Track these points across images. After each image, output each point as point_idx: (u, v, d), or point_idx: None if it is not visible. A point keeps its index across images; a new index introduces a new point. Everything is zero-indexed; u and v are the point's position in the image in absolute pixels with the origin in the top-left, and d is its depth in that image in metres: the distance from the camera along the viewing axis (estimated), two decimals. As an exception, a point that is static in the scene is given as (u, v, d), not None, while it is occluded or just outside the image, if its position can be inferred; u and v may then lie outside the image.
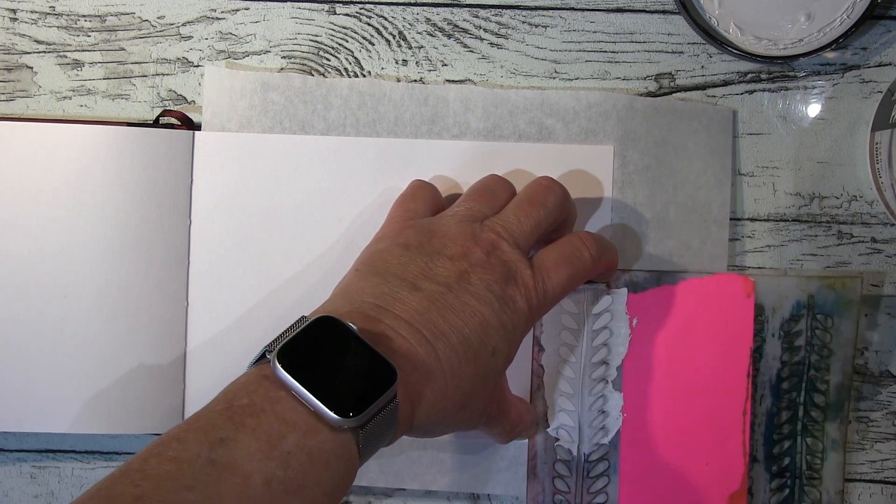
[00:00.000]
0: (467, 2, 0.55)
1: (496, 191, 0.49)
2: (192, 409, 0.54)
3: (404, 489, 0.55)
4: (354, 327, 0.40)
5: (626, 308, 0.53)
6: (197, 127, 0.54)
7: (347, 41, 0.55)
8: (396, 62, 0.55)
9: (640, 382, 0.53)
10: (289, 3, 0.55)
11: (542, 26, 0.55)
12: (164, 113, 0.54)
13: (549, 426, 0.53)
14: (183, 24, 0.55)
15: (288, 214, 0.54)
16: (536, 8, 0.55)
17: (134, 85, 0.55)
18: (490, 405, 0.46)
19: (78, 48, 0.55)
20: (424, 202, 0.50)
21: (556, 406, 0.53)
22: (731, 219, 0.55)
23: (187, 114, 0.54)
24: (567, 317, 0.53)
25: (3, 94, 0.55)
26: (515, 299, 0.45)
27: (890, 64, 0.55)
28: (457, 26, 0.55)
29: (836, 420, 0.54)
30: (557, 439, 0.53)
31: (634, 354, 0.53)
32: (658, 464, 0.53)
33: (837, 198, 0.55)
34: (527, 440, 0.53)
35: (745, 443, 0.53)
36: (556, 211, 0.48)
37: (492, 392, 0.46)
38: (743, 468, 0.53)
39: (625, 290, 0.53)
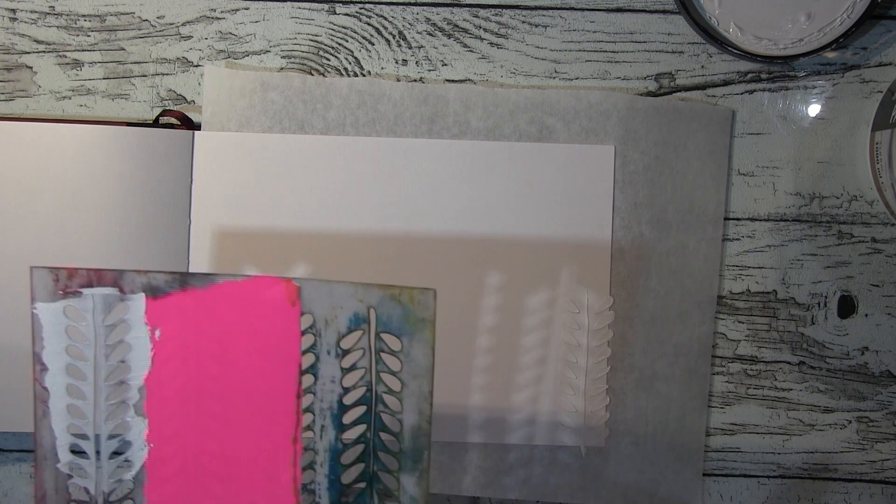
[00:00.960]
0: (467, 2, 0.55)
1: None
2: (191, 409, 0.54)
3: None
4: None
5: (145, 317, 0.44)
6: (197, 127, 0.54)
7: (347, 41, 0.55)
8: (396, 62, 0.55)
9: (168, 405, 0.44)
10: (289, 3, 0.55)
11: (542, 26, 0.55)
12: (164, 113, 0.54)
13: (59, 461, 0.44)
14: (183, 24, 0.55)
15: (288, 214, 0.54)
16: (536, 8, 0.55)
17: (134, 85, 0.55)
18: None
19: (78, 48, 0.55)
20: None
21: (66, 437, 0.44)
22: (731, 218, 0.55)
23: (187, 114, 0.54)
24: (74, 329, 0.44)
25: (3, 94, 0.55)
26: None
27: (890, 64, 0.55)
28: (457, 26, 0.55)
29: (415, 473, 0.42)
30: (70, 476, 0.44)
31: (160, 372, 0.44)
32: (192, 499, 0.44)
33: (837, 198, 0.55)
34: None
35: (296, 477, 0.43)
36: None
37: None
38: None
39: (142, 295, 0.44)
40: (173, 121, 0.54)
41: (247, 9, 0.55)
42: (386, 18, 0.55)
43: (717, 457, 0.56)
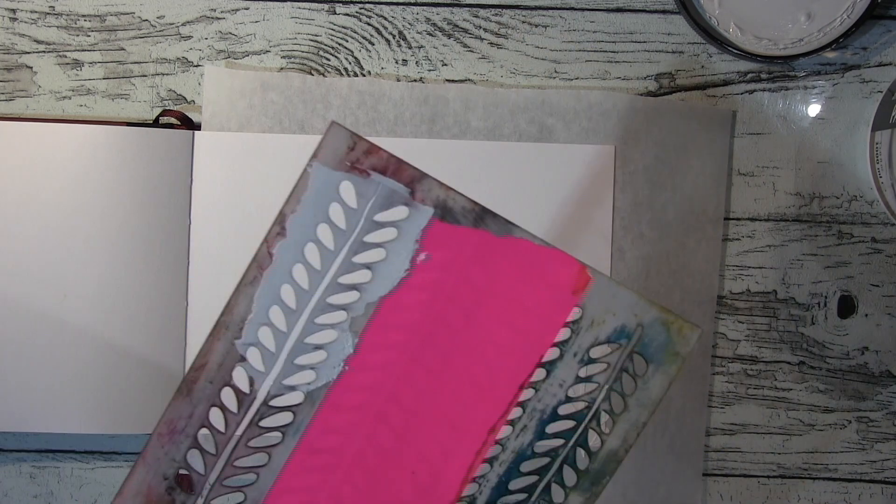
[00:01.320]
0: (467, 2, 0.55)
1: None
2: (191, 409, 0.54)
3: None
4: None
5: (421, 234, 0.38)
6: (197, 127, 0.54)
7: (347, 41, 0.55)
8: (396, 62, 0.55)
9: (387, 336, 0.38)
10: (289, 3, 0.55)
11: (542, 26, 0.55)
12: (164, 113, 0.54)
13: (240, 337, 0.38)
14: (183, 24, 0.55)
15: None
16: (536, 8, 0.55)
17: (134, 85, 0.55)
18: None
19: (78, 48, 0.55)
20: None
21: (263, 316, 0.39)
22: (731, 218, 0.55)
23: (187, 114, 0.54)
24: (337, 208, 0.38)
25: (3, 94, 0.55)
26: None
27: (890, 64, 0.55)
28: (457, 26, 0.55)
29: (587, 494, 0.39)
30: (244, 359, 0.38)
31: (401, 298, 0.38)
32: (353, 447, 0.39)
33: (837, 198, 0.55)
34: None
35: (473, 467, 0.39)
36: None
37: None
38: (453, 498, 0.39)
39: (431, 210, 0.38)
40: (173, 121, 0.54)
41: (247, 9, 0.55)
42: (386, 18, 0.55)
43: (717, 457, 0.56)
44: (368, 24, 0.55)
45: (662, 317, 0.39)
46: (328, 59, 0.55)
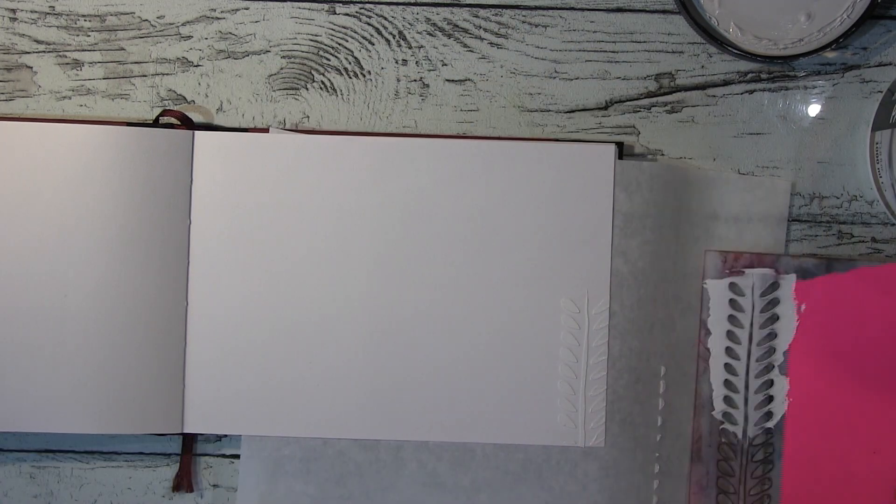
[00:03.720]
0: (467, 2, 0.55)
1: None
2: (192, 409, 0.54)
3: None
4: None
5: (794, 294, 0.53)
6: (197, 127, 0.54)
7: (347, 41, 0.55)
8: (396, 62, 0.55)
9: (806, 368, 0.53)
10: (289, 3, 0.55)
11: (542, 26, 0.55)
12: (164, 113, 0.54)
13: (713, 409, 0.53)
14: (183, 24, 0.55)
15: (288, 214, 0.54)
16: (536, 8, 0.55)
17: (134, 85, 0.55)
18: None
19: (78, 48, 0.55)
20: None
21: (721, 389, 0.53)
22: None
23: (187, 114, 0.54)
24: (734, 301, 0.53)
25: (3, 94, 0.55)
26: None
27: (890, 64, 0.55)
28: (457, 26, 0.55)
29: None
30: (722, 423, 0.53)
31: (802, 340, 0.53)
32: (823, 449, 0.53)
33: (837, 198, 0.55)
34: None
35: None
36: None
37: None
38: None
39: (793, 276, 0.53)
40: (173, 121, 0.54)
41: (247, 9, 0.55)
42: (386, 18, 0.55)
43: (717, 457, 0.56)
44: (368, 24, 0.55)
45: None
46: (328, 59, 0.55)
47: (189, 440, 0.55)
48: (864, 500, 0.52)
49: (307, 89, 0.55)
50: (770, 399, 0.53)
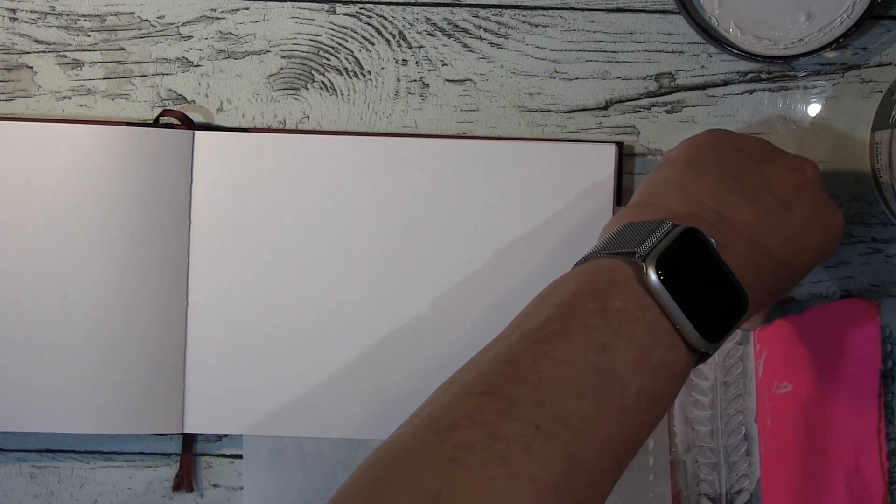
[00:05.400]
0: (467, 2, 0.55)
1: None
2: (192, 408, 0.54)
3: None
4: (713, 242, 0.39)
5: (755, 340, 0.54)
6: (197, 127, 0.54)
7: (347, 41, 0.55)
8: (396, 62, 0.55)
9: (774, 412, 0.54)
10: (289, 3, 0.55)
11: (542, 26, 0.55)
12: (164, 113, 0.54)
13: (686, 466, 0.54)
14: (183, 24, 0.55)
15: (288, 214, 0.54)
16: (536, 8, 0.55)
17: (134, 85, 0.55)
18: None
19: (78, 48, 0.55)
20: None
21: (695, 442, 0.54)
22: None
23: (187, 114, 0.54)
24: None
25: (3, 94, 0.55)
26: (832, 228, 0.45)
27: (890, 64, 0.55)
28: (457, 26, 0.55)
29: None
30: (700, 478, 0.54)
31: (767, 384, 0.54)
32: (798, 489, 0.53)
33: (837, 198, 0.55)
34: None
35: (883, 463, 0.53)
36: None
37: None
38: (883, 489, 0.53)
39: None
40: (173, 121, 0.54)
41: (247, 9, 0.55)
42: (386, 18, 0.55)
43: (717, 457, 0.56)
44: (368, 24, 0.55)
45: None
46: (328, 59, 0.55)
47: (189, 440, 0.55)
48: None
49: (307, 89, 0.55)
50: (742, 446, 0.54)
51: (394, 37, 0.55)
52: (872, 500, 0.53)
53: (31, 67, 0.55)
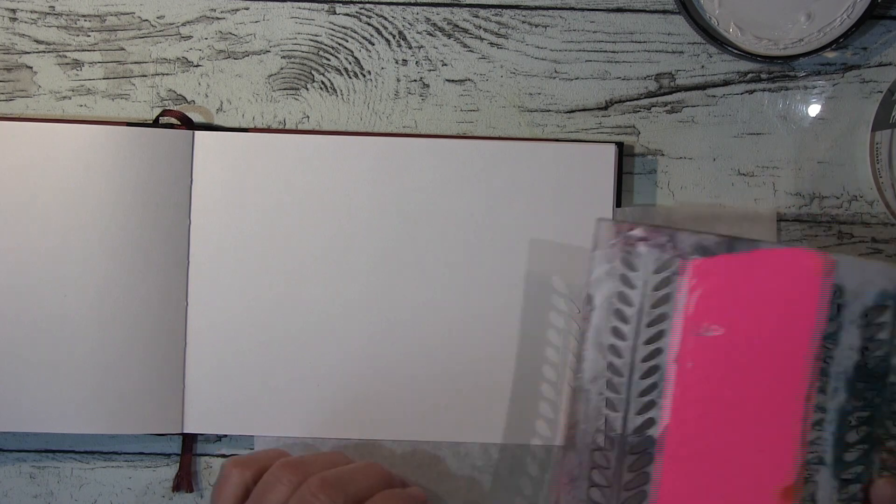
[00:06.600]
0: (467, 2, 0.55)
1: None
2: (192, 408, 0.54)
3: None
4: None
5: (691, 273, 0.48)
6: (197, 127, 0.54)
7: (347, 41, 0.55)
8: (396, 62, 0.55)
9: (697, 355, 0.48)
10: (289, 3, 0.55)
11: (542, 26, 0.55)
12: (164, 113, 0.54)
13: (592, 393, 0.49)
14: (183, 24, 0.55)
15: (288, 214, 0.54)
16: (536, 8, 0.55)
17: (134, 85, 0.55)
18: None
19: (78, 48, 0.55)
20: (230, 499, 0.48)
21: (603, 372, 0.48)
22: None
23: (187, 114, 0.54)
24: (625, 276, 0.49)
25: (3, 94, 0.55)
26: None
27: (890, 64, 0.55)
28: (457, 26, 0.55)
29: None
30: (602, 408, 0.48)
31: (696, 324, 0.48)
32: (707, 445, 0.48)
33: (837, 198, 0.55)
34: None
35: (804, 432, 0.48)
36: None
37: None
38: (799, 460, 0.47)
39: (692, 253, 0.48)
40: (173, 121, 0.54)
41: (247, 9, 0.55)
42: (386, 18, 0.55)
43: (717, 457, 0.56)
44: (368, 24, 0.55)
45: None
46: (328, 59, 0.55)
47: (189, 440, 0.55)
48: (747, 501, 0.48)
49: (307, 89, 0.55)
50: (655, 386, 0.48)
51: (394, 37, 0.55)
52: (786, 471, 0.47)
53: (31, 67, 0.55)
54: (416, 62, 0.55)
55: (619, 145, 0.54)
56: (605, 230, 0.48)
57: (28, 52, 0.55)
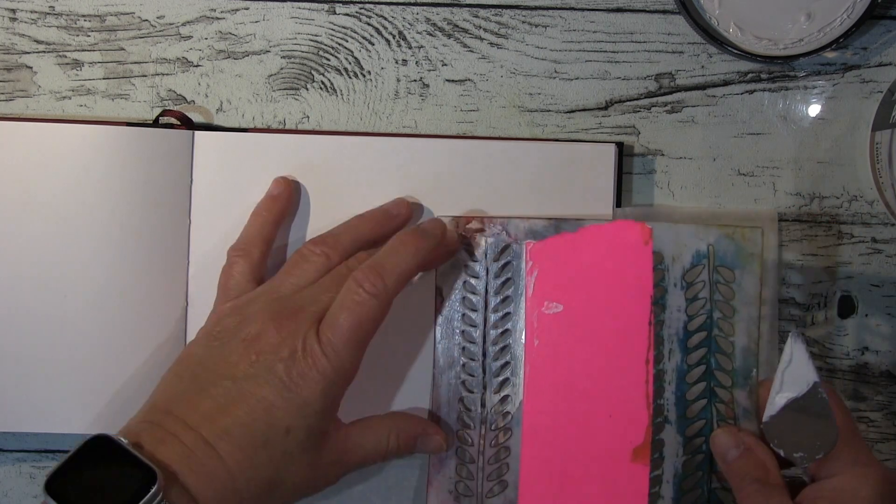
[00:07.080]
0: (467, 2, 0.55)
1: (312, 260, 0.50)
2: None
3: None
4: (125, 441, 0.42)
5: (527, 257, 0.52)
6: (197, 127, 0.54)
7: (347, 41, 0.55)
8: (396, 62, 0.55)
9: (542, 332, 0.52)
10: (288, 3, 0.55)
11: (542, 26, 0.55)
12: (164, 113, 0.54)
13: (451, 378, 0.52)
14: (183, 24, 0.55)
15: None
16: (536, 8, 0.55)
17: (133, 85, 0.55)
18: (325, 467, 0.47)
19: (78, 48, 0.55)
20: (242, 274, 0.50)
21: (459, 357, 0.52)
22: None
23: (187, 114, 0.54)
24: (469, 266, 0.52)
25: (3, 94, 0.55)
26: (305, 373, 0.45)
27: (890, 64, 0.55)
28: (457, 26, 0.55)
29: (745, 388, 0.51)
30: (460, 391, 0.52)
31: (537, 303, 0.52)
32: (562, 414, 0.52)
33: (837, 198, 0.55)
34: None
35: (649, 394, 0.51)
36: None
37: (314, 458, 0.46)
38: (647, 421, 0.51)
39: (525, 238, 0.52)
40: (173, 121, 0.54)
41: (247, 9, 0.55)
42: (386, 18, 0.55)
43: (717, 457, 0.56)
44: (368, 24, 0.55)
45: (723, 231, 0.51)
46: (328, 59, 0.55)
47: (189, 440, 0.55)
48: (603, 463, 0.51)
49: (307, 89, 0.55)
50: (507, 365, 0.52)
51: (394, 37, 0.55)
52: (635, 432, 0.51)
53: (31, 67, 0.55)
54: (416, 62, 0.55)
55: (619, 145, 0.54)
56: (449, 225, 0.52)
57: (28, 52, 0.55)
